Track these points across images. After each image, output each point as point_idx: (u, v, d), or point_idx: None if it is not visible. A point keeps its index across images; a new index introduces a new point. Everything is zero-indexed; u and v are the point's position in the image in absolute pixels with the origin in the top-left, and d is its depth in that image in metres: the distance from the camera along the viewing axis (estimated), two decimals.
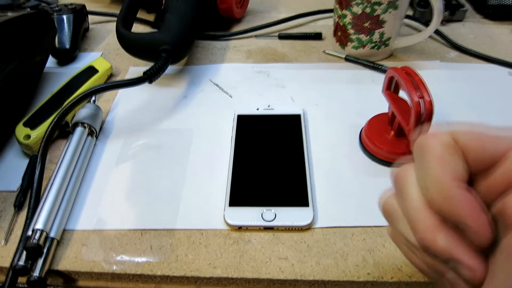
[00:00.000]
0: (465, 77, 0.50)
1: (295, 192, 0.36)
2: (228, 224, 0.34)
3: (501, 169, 0.18)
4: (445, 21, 0.60)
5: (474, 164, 0.19)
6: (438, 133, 0.20)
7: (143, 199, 0.37)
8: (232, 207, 0.35)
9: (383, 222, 0.34)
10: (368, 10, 0.47)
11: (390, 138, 0.39)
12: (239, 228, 0.34)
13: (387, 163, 0.39)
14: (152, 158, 0.41)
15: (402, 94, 0.36)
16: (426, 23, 0.47)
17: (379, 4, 0.46)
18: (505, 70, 0.51)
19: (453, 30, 0.59)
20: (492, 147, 0.19)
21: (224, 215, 0.35)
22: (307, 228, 0.34)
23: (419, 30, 0.59)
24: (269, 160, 0.39)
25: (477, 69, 0.51)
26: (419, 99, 0.33)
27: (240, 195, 0.36)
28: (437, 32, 0.56)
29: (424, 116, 0.33)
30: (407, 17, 0.60)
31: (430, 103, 0.33)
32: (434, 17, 0.46)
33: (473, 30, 0.59)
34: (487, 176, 0.19)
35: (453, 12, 0.60)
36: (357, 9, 0.47)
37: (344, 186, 0.37)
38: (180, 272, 0.32)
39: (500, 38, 0.57)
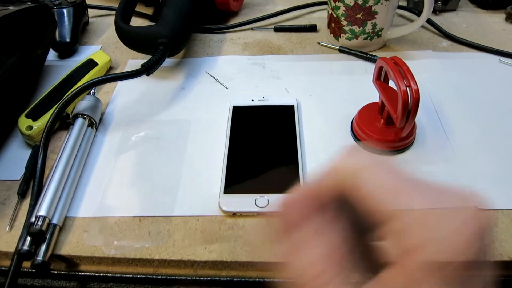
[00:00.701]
0: (457, 66, 0.51)
1: (287, 179, 0.37)
2: (223, 211, 0.36)
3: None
4: (438, 10, 0.61)
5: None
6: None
7: (141, 187, 0.38)
8: (227, 194, 0.36)
9: None
10: (360, 1, 0.47)
11: (380, 126, 0.40)
12: (234, 214, 0.36)
13: (376, 150, 0.40)
14: (151, 148, 0.42)
15: (392, 83, 0.37)
16: (420, 13, 0.48)
17: None
18: (496, 58, 0.52)
19: (446, 20, 0.60)
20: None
21: (219, 202, 0.36)
22: None
23: (412, 20, 0.59)
24: (263, 149, 0.40)
25: (469, 58, 0.52)
26: (406, 88, 0.34)
27: (235, 182, 0.37)
28: (429, 22, 0.57)
29: (411, 104, 0.34)
30: (401, 7, 0.61)
31: (417, 92, 0.34)
32: (425, 7, 0.47)
33: (466, 19, 0.60)
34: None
35: (446, 2, 0.61)
36: (350, 1, 0.48)
37: None
38: (177, 256, 0.33)
39: (492, 27, 0.58)
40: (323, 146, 0.41)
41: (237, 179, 0.37)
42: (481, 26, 0.58)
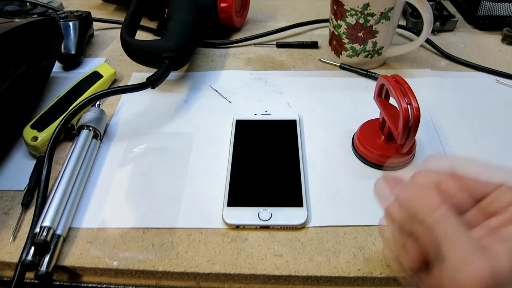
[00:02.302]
0: (455, 85, 0.52)
1: (290, 193, 0.38)
2: (226, 223, 0.36)
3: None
4: (436, 31, 0.63)
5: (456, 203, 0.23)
6: (426, 173, 0.25)
7: (145, 199, 0.39)
8: (230, 207, 0.37)
9: (373, 221, 0.36)
10: (361, 20, 0.49)
11: (380, 142, 0.41)
12: (237, 227, 0.36)
13: (377, 166, 0.41)
14: (154, 160, 0.43)
15: (393, 101, 0.38)
16: (419, 33, 0.50)
17: (372, 15, 0.48)
18: (493, 78, 0.53)
19: (444, 40, 0.61)
20: (470, 191, 0.23)
21: (222, 215, 0.36)
22: (301, 227, 0.36)
23: (411, 39, 0.61)
24: (265, 162, 0.41)
25: (466, 77, 0.54)
26: (407, 105, 0.35)
27: (238, 195, 0.38)
28: (428, 41, 0.59)
29: (412, 121, 0.35)
30: (401, 27, 0.62)
31: (418, 109, 0.35)
32: (424, 27, 0.48)
33: (463, 39, 0.62)
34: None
35: (444, 22, 0.62)
36: (351, 20, 0.49)
37: (337, 188, 0.39)
38: (180, 268, 0.33)
39: (489, 48, 0.60)
40: (324, 161, 0.42)
41: (240, 192, 0.38)
42: (478, 46, 0.60)
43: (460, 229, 0.21)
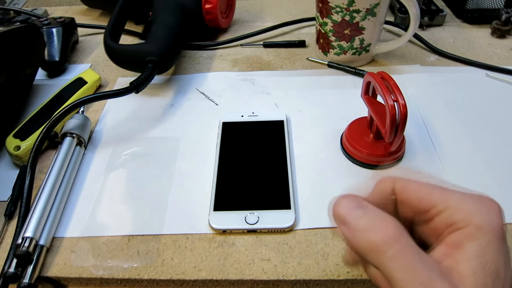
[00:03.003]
0: (444, 80, 0.52)
1: (277, 195, 0.37)
2: (212, 228, 0.35)
3: (434, 222, 0.22)
4: (425, 25, 0.62)
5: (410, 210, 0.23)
6: (388, 180, 0.24)
7: (130, 206, 0.38)
8: (216, 211, 0.36)
9: None
10: (347, 17, 0.48)
11: (369, 141, 0.40)
12: (224, 231, 0.35)
13: (366, 165, 0.40)
14: (140, 166, 0.42)
15: (381, 98, 0.37)
16: (407, 29, 0.49)
17: (358, 11, 0.47)
18: (482, 72, 0.53)
19: (433, 35, 0.61)
20: (430, 201, 0.22)
21: (209, 220, 0.36)
22: (289, 230, 0.35)
23: (400, 35, 0.60)
24: (252, 165, 0.40)
25: (456, 72, 0.53)
26: (394, 102, 0.34)
27: (224, 199, 0.37)
28: (417, 36, 0.58)
29: (399, 119, 0.35)
30: (389, 23, 0.62)
31: (404, 106, 0.34)
32: (411, 23, 0.48)
33: (453, 34, 0.61)
34: (424, 223, 0.23)
35: (432, 17, 0.62)
36: (337, 17, 0.49)
37: (326, 189, 0.38)
38: (166, 276, 0.33)
39: (478, 41, 0.59)
40: (313, 161, 0.41)
41: (227, 196, 0.37)
42: (467, 40, 0.59)
43: (419, 259, 0.20)
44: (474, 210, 0.21)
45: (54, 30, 0.55)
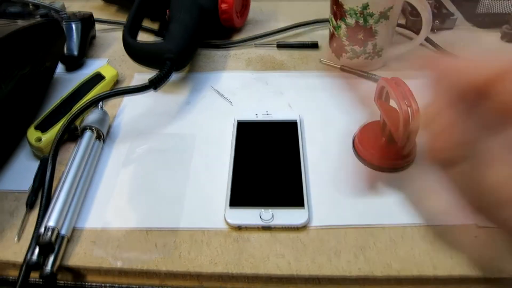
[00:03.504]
0: None
1: (291, 193, 0.38)
2: (228, 224, 0.36)
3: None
4: (436, 29, 0.63)
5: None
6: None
7: (148, 200, 0.39)
8: (232, 207, 0.37)
9: (373, 222, 0.37)
10: (361, 21, 0.49)
11: (381, 144, 0.41)
12: (239, 227, 0.36)
13: (378, 167, 0.41)
14: (157, 161, 0.43)
15: (393, 103, 0.38)
16: (418, 32, 0.50)
17: (372, 15, 0.48)
18: None
19: (444, 38, 0.61)
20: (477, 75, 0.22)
21: (224, 215, 0.37)
22: (303, 227, 0.36)
23: (411, 38, 0.61)
24: (267, 163, 0.41)
25: None
26: (408, 108, 0.35)
27: (240, 196, 0.38)
28: (428, 40, 0.59)
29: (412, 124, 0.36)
30: (400, 25, 0.62)
31: (418, 112, 0.35)
32: (423, 26, 0.49)
33: (463, 37, 0.62)
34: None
35: (443, 21, 0.63)
36: (351, 20, 0.50)
37: (337, 189, 0.40)
38: (183, 268, 0.34)
39: (489, 45, 0.60)
40: (325, 161, 0.42)
41: (242, 193, 0.38)
42: (477, 44, 0.60)
43: None
44: None
45: (73, 24, 0.56)
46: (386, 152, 0.40)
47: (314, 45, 0.60)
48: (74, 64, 0.56)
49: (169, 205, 0.39)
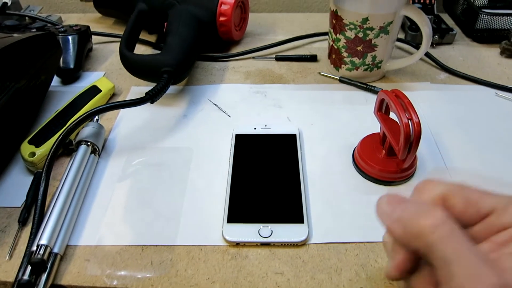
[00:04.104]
0: (454, 98, 0.52)
1: (290, 209, 0.37)
2: (226, 240, 0.35)
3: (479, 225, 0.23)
4: (435, 44, 0.63)
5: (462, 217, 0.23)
6: (433, 185, 0.24)
7: (144, 216, 0.38)
8: (230, 223, 0.36)
9: (375, 238, 0.36)
10: (360, 34, 0.49)
11: (381, 157, 0.40)
12: (237, 244, 0.35)
13: (378, 181, 0.40)
14: (153, 176, 0.42)
15: (394, 115, 0.38)
16: (417, 46, 0.50)
17: (371, 29, 0.48)
18: (492, 91, 0.53)
19: (443, 53, 0.61)
20: (477, 206, 0.23)
21: (222, 232, 0.36)
22: (302, 244, 0.35)
23: (410, 52, 0.61)
24: (265, 178, 0.40)
25: (466, 90, 0.54)
26: (408, 120, 0.35)
27: (238, 212, 0.37)
28: (427, 54, 0.59)
29: (413, 137, 0.35)
30: (399, 40, 0.62)
31: (419, 124, 0.35)
32: (424, 41, 0.48)
33: (462, 52, 0.62)
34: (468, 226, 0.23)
35: (442, 36, 0.63)
36: (350, 34, 0.50)
37: (338, 204, 0.39)
38: (180, 287, 0.33)
39: (487, 61, 0.60)
40: (325, 176, 0.42)
41: (240, 208, 0.38)
42: (476, 59, 0.60)
43: (466, 244, 0.20)
44: None
45: (70, 37, 0.56)
46: (386, 165, 0.40)
47: (313, 58, 0.60)
48: (70, 77, 0.56)
49: (166, 221, 0.38)
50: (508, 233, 0.21)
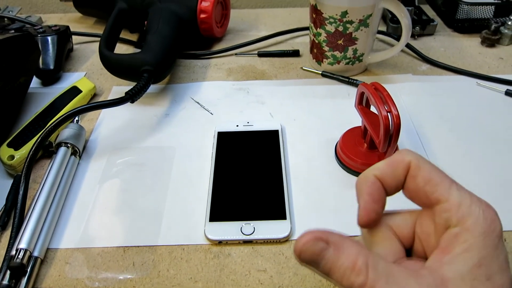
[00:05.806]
0: (437, 89, 0.52)
1: (273, 205, 0.37)
2: (208, 239, 0.35)
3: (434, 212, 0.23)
4: (416, 35, 0.63)
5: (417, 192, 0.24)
6: (407, 152, 0.25)
7: (126, 217, 0.38)
8: (212, 222, 0.36)
9: (357, 232, 0.36)
10: (340, 28, 0.49)
11: (363, 150, 0.40)
12: (219, 242, 0.35)
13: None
14: (135, 176, 0.42)
15: (374, 109, 0.38)
16: (399, 38, 0.50)
17: (351, 22, 0.48)
18: (473, 80, 0.53)
19: (425, 44, 0.61)
20: (435, 188, 0.23)
21: (204, 230, 0.36)
22: (285, 240, 0.35)
23: (392, 45, 0.61)
24: (248, 175, 0.40)
25: (448, 81, 0.54)
26: (387, 113, 0.35)
27: (220, 210, 0.37)
28: (409, 46, 0.59)
29: (393, 129, 0.35)
30: (381, 32, 0.62)
31: (398, 117, 0.35)
32: (403, 33, 0.48)
33: (444, 43, 0.62)
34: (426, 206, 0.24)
35: (424, 27, 0.63)
36: (331, 28, 0.49)
37: (321, 198, 0.39)
38: (162, 287, 0.33)
39: (468, 50, 0.60)
40: (308, 171, 0.42)
41: (223, 206, 0.37)
42: (458, 49, 0.60)
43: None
44: (469, 211, 0.21)
45: (49, 38, 0.55)
46: (368, 159, 0.40)
47: (295, 53, 0.60)
48: (50, 78, 0.55)
49: (148, 221, 0.37)
50: (451, 235, 0.21)
